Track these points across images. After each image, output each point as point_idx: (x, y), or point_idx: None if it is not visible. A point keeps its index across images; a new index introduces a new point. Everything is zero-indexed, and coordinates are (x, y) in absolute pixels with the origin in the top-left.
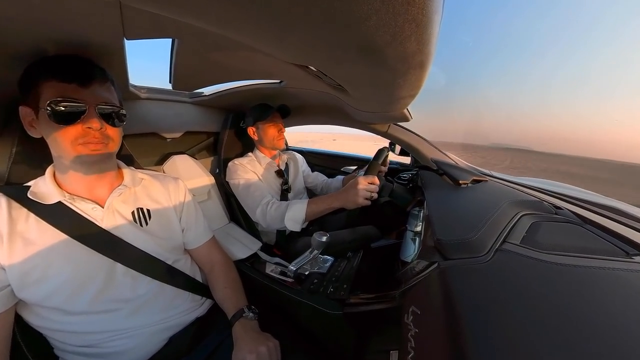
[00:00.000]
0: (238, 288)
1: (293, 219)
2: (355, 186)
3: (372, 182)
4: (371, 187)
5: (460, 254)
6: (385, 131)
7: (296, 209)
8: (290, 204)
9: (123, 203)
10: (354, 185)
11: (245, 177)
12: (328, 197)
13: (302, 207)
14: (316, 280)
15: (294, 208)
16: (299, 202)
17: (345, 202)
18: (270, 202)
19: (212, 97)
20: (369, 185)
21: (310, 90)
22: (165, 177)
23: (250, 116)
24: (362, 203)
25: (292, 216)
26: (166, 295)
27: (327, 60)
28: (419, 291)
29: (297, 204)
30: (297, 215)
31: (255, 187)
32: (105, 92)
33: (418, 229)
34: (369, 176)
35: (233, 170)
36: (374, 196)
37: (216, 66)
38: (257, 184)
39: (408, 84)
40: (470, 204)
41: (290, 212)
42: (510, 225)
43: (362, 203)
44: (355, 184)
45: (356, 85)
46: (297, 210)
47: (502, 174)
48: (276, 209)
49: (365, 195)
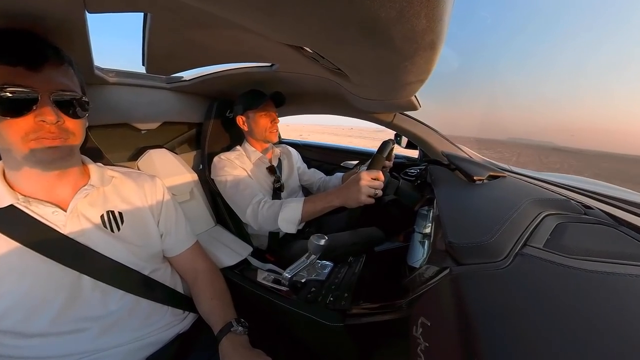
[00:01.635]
0: (225, 299)
1: (288, 220)
2: (357, 182)
3: (377, 178)
4: (375, 184)
5: (475, 259)
6: (390, 121)
7: (291, 208)
8: (284, 202)
9: (90, 205)
10: (356, 181)
11: (233, 174)
12: (327, 195)
13: (297, 206)
14: (314, 289)
15: (289, 207)
16: (294, 201)
17: (346, 199)
18: (262, 200)
19: (193, 82)
20: (373, 182)
21: (306, 75)
22: (140, 175)
23: (239, 104)
24: (365, 201)
25: (286, 216)
26: (142, 310)
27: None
28: (428, 300)
29: (292, 202)
30: (293, 215)
31: (245, 185)
32: (61, 76)
33: (427, 231)
34: (373, 171)
35: (219, 166)
36: (378, 193)
37: (196, 47)
38: (246, 181)
39: (416, 68)
40: (486, 203)
41: (285, 211)
42: (532, 226)
43: (365, 201)
44: (358, 180)
45: (357, 69)
46: (293, 210)
47: (522, 169)
48: (269, 209)
49: (369, 192)
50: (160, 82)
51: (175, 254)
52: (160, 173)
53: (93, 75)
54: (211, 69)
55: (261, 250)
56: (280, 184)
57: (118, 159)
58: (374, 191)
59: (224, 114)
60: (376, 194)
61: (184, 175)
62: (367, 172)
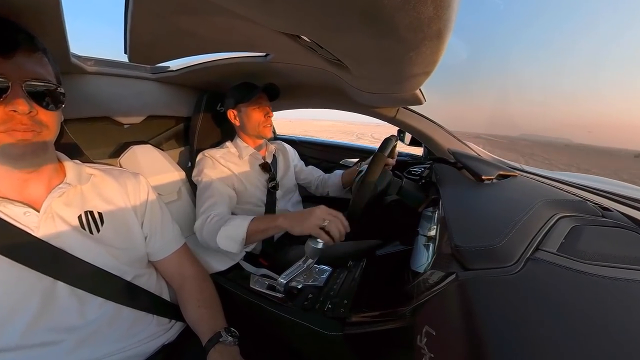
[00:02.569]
0: (214, 307)
1: (229, 236)
2: (312, 209)
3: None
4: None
5: (483, 264)
6: (393, 117)
7: (235, 225)
8: (231, 218)
9: (66, 205)
10: (312, 209)
11: (207, 177)
12: (276, 216)
13: (243, 223)
14: (311, 295)
15: (234, 223)
16: (240, 217)
17: (292, 223)
18: (213, 215)
19: (181, 73)
20: (329, 214)
21: (302, 67)
22: (122, 173)
23: (230, 97)
24: (311, 230)
25: (228, 232)
26: (124, 319)
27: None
28: (433, 308)
29: (238, 218)
30: (235, 232)
31: (212, 192)
32: (34, 64)
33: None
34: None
35: (198, 164)
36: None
37: (184, 34)
38: (217, 187)
39: (422, 59)
40: (495, 204)
41: (228, 226)
42: (545, 229)
43: (310, 229)
44: (313, 209)
45: (358, 60)
46: (236, 227)
47: (534, 168)
48: (217, 222)
49: (318, 222)
50: (144, 72)
51: (161, 257)
52: (144, 171)
53: (69, 64)
54: (200, 59)
55: (254, 254)
56: (275, 183)
57: (98, 155)
58: (322, 221)
59: (214, 108)
60: (324, 226)
61: (171, 173)
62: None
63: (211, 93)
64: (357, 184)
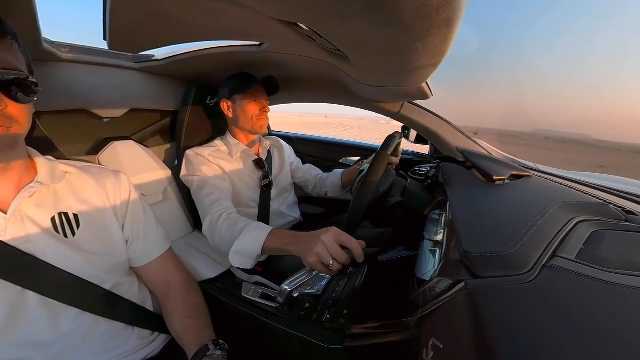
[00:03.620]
0: (202, 317)
1: (243, 252)
2: (319, 236)
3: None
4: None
5: (495, 271)
6: (398, 112)
7: (250, 239)
8: (248, 226)
9: (37, 206)
10: (319, 235)
11: (201, 174)
12: (290, 235)
13: (260, 235)
14: (308, 305)
15: (250, 236)
16: (258, 228)
17: (300, 250)
18: (224, 213)
19: (167, 62)
20: (335, 249)
21: (300, 57)
22: (101, 171)
23: (226, 86)
24: (313, 265)
25: (243, 247)
26: (102, 332)
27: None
28: (440, 319)
29: (256, 229)
30: (251, 247)
31: (210, 189)
32: (3, 51)
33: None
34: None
35: (187, 164)
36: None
37: (171, 20)
38: (214, 183)
39: (429, 49)
40: (507, 206)
41: (244, 240)
42: (563, 234)
43: (313, 265)
44: (319, 236)
45: (360, 50)
46: (253, 240)
47: (550, 168)
48: (229, 227)
49: (322, 257)
50: (126, 60)
51: (144, 263)
52: (126, 169)
53: (41, 50)
54: (188, 48)
55: None
56: (269, 181)
57: (74, 152)
58: (328, 259)
59: (204, 101)
60: (331, 263)
61: (156, 172)
62: (338, 230)
63: (200, 85)
64: (357, 185)
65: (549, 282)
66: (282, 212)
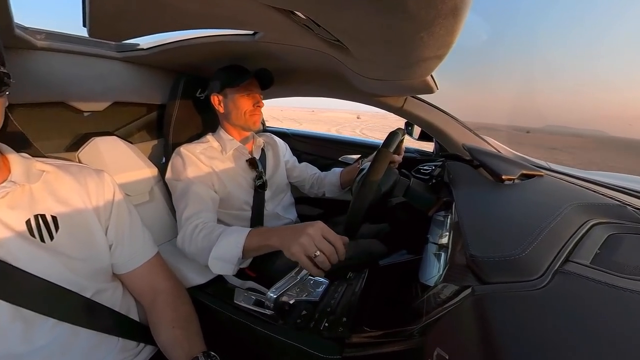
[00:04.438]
0: (191, 327)
1: (224, 257)
2: (303, 227)
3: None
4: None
5: (503, 277)
6: (400, 107)
7: (229, 242)
8: (225, 231)
9: (10, 208)
10: (304, 226)
11: (186, 177)
12: (268, 230)
13: (238, 239)
14: (305, 312)
15: (228, 240)
16: (237, 231)
17: (282, 241)
18: (199, 224)
19: (153, 52)
20: (321, 241)
21: (296, 48)
22: (82, 169)
23: (216, 79)
24: (296, 257)
25: (222, 252)
26: (81, 344)
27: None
28: (446, 327)
29: (234, 232)
30: (231, 251)
31: (191, 198)
32: None
33: (444, 241)
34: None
35: (174, 164)
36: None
37: (157, 5)
38: (197, 191)
39: (434, 40)
40: (517, 207)
41: (222, 244)
42: (577, 237)
43: (296, 256)
44: (305, 227)
45: (361, 41)
46: (233, 243)
47: (563, 167)
48: (205, 237)
49: (306, 249)
50: (108, 49)
51: (129, 270)
52: (109, 167)
53: (13, 36)
54: (176, 36)
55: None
56: (263, 181)
57: (51, 148)
58: (313, 250)
59: (193, 94)
60: (316, 255)
61: (141, 170)
62: (325, 225)
63: (189, 77)
64: (357, 184)
65: (561, 288)
66: (278, 214)
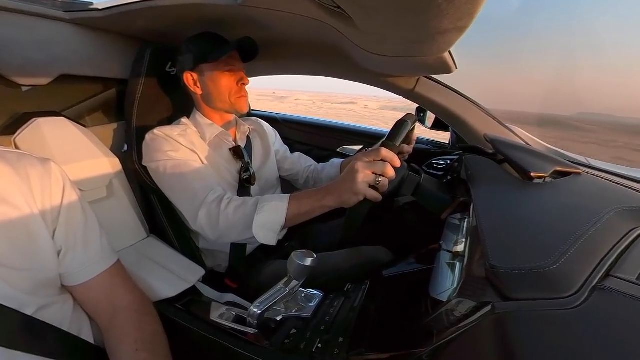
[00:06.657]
0: (160, 350)
1: (267, 226)
2: (351, 170)
3: (378, 159)
4: (376, 167)
5: (530, 292)
6: (412, 89)
7: (271, 209)
8: (259, 201)
9: None
10: (350, 169)
11: (176, 157)
12: (317, 191)
13: (281, 206)
14: (294, 331)
15: (269, 207)
16: (274, 199)
17: (340, 196)
18: (223, 198)
19: (110, 13)
20: (374, 164)
21: (287, 15)
22: (21, 158)
23: (187, 52)
24: (365, 193)
25: (265, 220)
26: None
27: None
28: (461, 351)
29: (272, 200)
30: (274, 219)
31: (195, 175)
32: None
33: (459, 249)
34: (374, 150)
35: (154, 147)
36: (381, 183)
37: None
38: (198, 168)
39: (455, 9)
40: (548, 211)
41: (264, 213)
42: (620, 248)
43: (363, 193)
44: (352, 167)
45: (366, 9)
46: (274, 211)
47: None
48: (236, 210)
49: (368, 179)
50: (52, 8)
51: (82, 281)
52: (56, 156)
53: None
54: None
55: (218, 274)
56: (250, 174)
57: None
58: (373, 177)
59: (162, 68)
60: (379, 182)
61: (98, 159)
62: (365, 153)
63: (157, 47)
64: None
65: (600, 308)
66: None
